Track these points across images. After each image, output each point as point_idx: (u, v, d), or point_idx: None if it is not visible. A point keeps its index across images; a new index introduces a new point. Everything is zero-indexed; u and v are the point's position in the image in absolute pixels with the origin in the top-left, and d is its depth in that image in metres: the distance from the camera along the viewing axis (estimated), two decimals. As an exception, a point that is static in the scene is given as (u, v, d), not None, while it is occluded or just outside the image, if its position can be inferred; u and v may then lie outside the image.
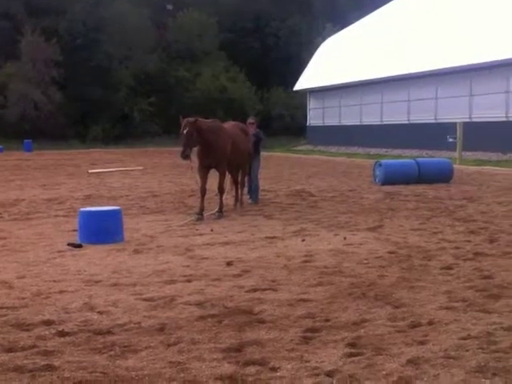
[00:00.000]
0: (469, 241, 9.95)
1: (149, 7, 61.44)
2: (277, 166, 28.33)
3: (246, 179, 15.40)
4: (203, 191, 13.14)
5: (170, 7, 66.25)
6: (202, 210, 12.95)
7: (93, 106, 55.79)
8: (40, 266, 8.55)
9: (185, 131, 12.48)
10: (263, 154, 16.47)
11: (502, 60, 30.42)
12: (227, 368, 4.90)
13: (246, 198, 15.41)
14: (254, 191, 15.45)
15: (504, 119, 31.55)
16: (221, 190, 13.43)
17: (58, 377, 4.79)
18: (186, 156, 12.52)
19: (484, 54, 31.38)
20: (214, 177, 13.73)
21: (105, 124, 56.15)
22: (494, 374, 4.70)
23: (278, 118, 60.48)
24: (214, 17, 63.53)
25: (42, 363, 4.99)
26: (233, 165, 14.52)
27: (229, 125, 14.70)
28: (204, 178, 13.31)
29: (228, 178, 14.66)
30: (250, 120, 16.13)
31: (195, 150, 13.19)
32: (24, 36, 53.50)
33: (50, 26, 55.68)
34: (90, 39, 57.03)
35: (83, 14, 57.82)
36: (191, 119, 12.71)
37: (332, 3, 69.92)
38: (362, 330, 5.72)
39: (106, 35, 57.61)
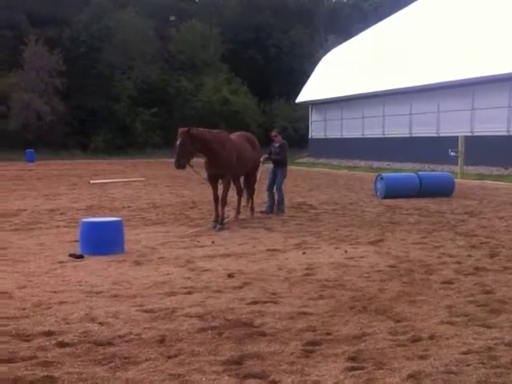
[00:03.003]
0: (470, 255, 9.95)
1: (152, 18, 61.74)
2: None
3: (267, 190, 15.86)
4: (216, 199, 13.42)
5: (172, 18, 66.53)
6: (217, 217, 13.24)
7: (95, 116, 55.93)
8: (41, 276, 8.55)
9: (178, 141, 12.50)
10: (268, 166, 16.48)
11: (504, 74, 30.40)
12: (227, 381, 4.89)
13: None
14: (279, 202, 15.79)
15: (506, 134, 31.54)
16: (223, 202, 13.43)
17: (57, 388, 4.78)
18: (179, 166, 12.52)
19: (486, 68, 31.41)
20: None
21: (106, 134, 56.13)
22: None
23: (281, 130, 60.33)
24: (216, 28, 63.80)
25: (42, 374, 4.98)
26: (238, 175, 14.66)
27: (235, 135, 14.75)
28: (215, 187, 13.59)
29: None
30: (274, 133, 16.21)
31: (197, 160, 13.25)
32: (27, 45, 53.61)
33: (53, 36, 55.87)
34: (93, 48, 57.24)
35: (87, 24, 58.06)
36: (183, 129, 12.69)
37: (335, 15, 70.24)
38: (363, 344, 5.71)
39: (109, 45, 57.86)
